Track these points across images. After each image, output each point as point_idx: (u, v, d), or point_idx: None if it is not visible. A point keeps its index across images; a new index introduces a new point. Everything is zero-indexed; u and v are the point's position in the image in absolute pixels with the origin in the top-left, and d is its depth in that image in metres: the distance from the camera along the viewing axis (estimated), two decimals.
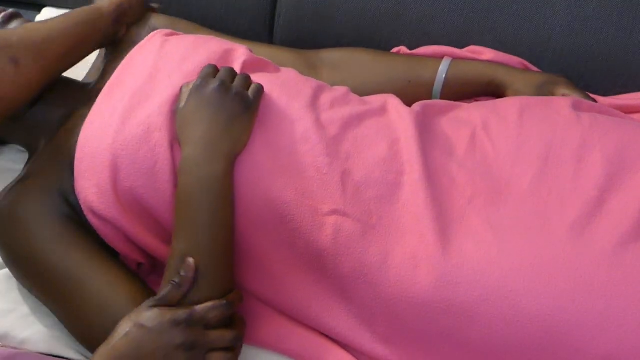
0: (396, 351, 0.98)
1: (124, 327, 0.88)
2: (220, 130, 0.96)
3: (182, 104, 0.99)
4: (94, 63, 1.26)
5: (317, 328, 1.02)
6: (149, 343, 0.87)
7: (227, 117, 0.97)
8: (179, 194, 0.95)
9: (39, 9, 1.49)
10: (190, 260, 0.91)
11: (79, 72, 1.28)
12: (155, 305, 0.90)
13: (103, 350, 0.87)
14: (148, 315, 0.88)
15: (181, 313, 0.89)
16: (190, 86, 1.01)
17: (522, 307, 0.91)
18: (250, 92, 1.00)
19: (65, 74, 1.17)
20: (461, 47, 1.31)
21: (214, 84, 0.99)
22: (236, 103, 0.98)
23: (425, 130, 1.05)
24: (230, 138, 0.97)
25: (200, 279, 0.91)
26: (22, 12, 1.49)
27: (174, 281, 0.91)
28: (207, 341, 0.90)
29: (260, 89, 1.01)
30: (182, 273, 0.91)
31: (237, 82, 1.01)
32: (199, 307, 0.90)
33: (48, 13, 1.47)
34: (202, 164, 0.94)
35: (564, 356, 0.91)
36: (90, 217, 1.00)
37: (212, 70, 1.01)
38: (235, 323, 0.95)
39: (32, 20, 1.45)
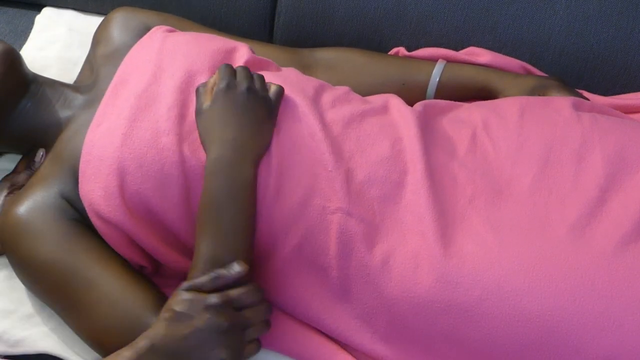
0: (396, 351, 0.98)
1: (161, 314, 0.87)
2: (250, 133, 0.97)
3: (206, 104, 0.99)
4: (84, 65, 1.23)
5: (317, 327, 1.02)
6: (182, 328, 0.85)
7: (255, 121, 0.97)
8: (206, 194, 0.94)
9: (39, 9, 1.49)
10: (238, 266, 0.89)
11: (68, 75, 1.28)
12: (188, 289, 0.88)
13: (141, 339, 0.86)
14: (179, 300, 0.87)
15: (214, 297, 0.87)
16: (208, 86, 1.00)
17: (522, 306, 0.91)
18: (272, 94, 1.01)
19: (56, 77, 1.14)
20: (461, 47, 1.31)
21: (241, 86, 0.99)
22: (263, 107, 0.99)
23: (426, 130, 1.05)
24: (257, 142, 0.97)
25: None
26: (22, 12, 1.50)
27: (214, 273, 0.89)
28: (241, 321, 0.88)
29: (281, 92, 1.02)
30: (226, 272, 0.89)
31: (259, 84, 1.01)
32: (233, 292, 0.88)
33: (48, 13, 1.46)
34: (234, 166, 0.94)
35: (564, 356, 0.91)
36: (95, 220, 1.00)
37: (233, 71, 1.01)
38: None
39: (32, 20, 1.45)
